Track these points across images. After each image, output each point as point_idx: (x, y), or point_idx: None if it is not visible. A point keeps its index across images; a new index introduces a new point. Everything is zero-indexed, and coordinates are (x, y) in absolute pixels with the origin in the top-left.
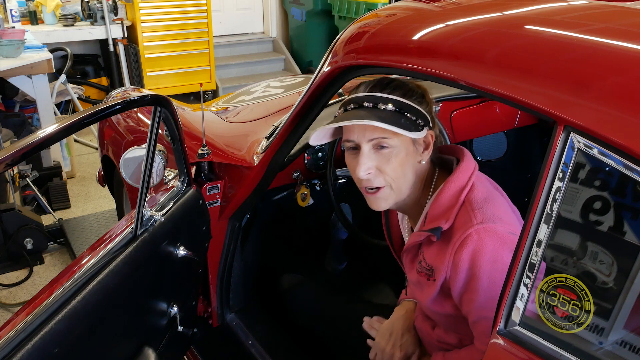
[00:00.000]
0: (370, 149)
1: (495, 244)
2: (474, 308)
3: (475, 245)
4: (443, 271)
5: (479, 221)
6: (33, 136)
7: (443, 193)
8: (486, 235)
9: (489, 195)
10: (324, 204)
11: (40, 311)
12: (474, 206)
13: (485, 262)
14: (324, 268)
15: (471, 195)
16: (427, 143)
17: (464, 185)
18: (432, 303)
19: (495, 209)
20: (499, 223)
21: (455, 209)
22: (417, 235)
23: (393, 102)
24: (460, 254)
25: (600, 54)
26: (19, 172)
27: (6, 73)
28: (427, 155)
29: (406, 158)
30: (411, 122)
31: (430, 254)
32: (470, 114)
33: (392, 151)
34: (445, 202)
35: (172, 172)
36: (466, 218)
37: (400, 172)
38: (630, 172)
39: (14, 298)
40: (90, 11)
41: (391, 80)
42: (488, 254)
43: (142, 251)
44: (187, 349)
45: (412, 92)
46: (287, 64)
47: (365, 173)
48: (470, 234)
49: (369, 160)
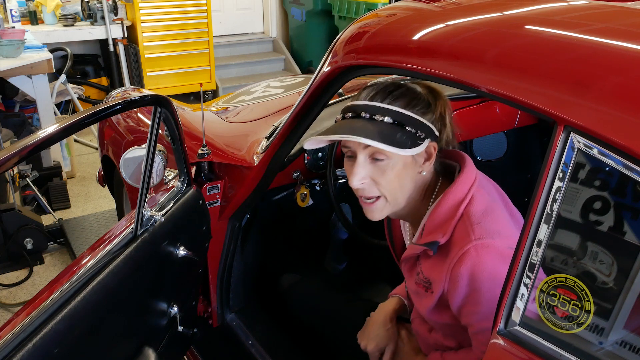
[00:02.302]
0: (366, 159)
1: (494, 261)
2: (475, 320)
3: (474, 261)
4: (441, 285)
5: (477, 237)
6: (33, 136)
7: (441, 205)
8: (484, 252)
9: (488, 207)
10: (324, 204)
11: (41, 311)
12: (472, 220)
13: (484, 278)
14: (324, 268)
15: (470, 208)
16: (429, 154)
17: (462, 197)
18: (430, 313)
19: (494, 223)
20: (497, 238)
21: (453, 222)
22: (413, 248)
23: (391, 114)
24: (458, 269)
25: (600, 54)
26: (19, 172)
27: (6, 73)
28: (428, 166)
29: (403, 170)
30: (409, 136)
31: (428, 267)
32: (470, 114)
33: (388, 163)
34: (443, 215)
35: (172, 172)
36: (464, 233)
37: (396, 184)
38: (630, 172)
39: (14, 298)
40: (90, 11)
41: (396, 88)
42: (487, 271)
43: (142, 251)
44: (187, 349)
45: (417, 102)
46: (287, 64)
47: (359, 183)
48: (468, 249)
49: (363, 170)
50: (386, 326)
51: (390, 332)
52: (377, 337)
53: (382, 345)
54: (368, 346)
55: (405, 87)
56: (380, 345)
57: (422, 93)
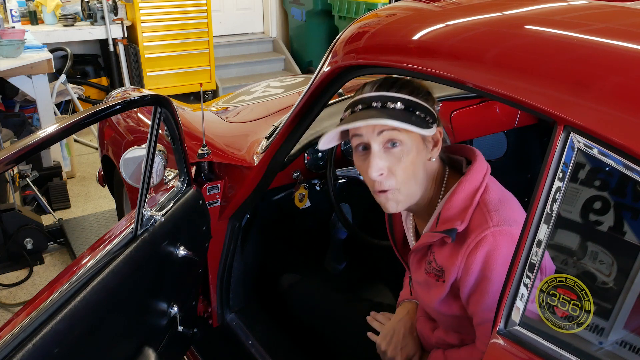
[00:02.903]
0: (381, 149)
1: (510, 247)
2: (481, 310)
3: (490, 247)
4: (454, 272)
5: (495, 223)
6: (33, 136)
7: (457, 193)
8: (502, 238)
9: (504, 196)
10: (324, 204)
11: (41, 311)
12: (489, 208)
13: (498, 264)
14: (324, 268)
15: (486, 196)
16: (435, 140)
17: (478, 185)
18: (439, 304)
19: (511, 212)
20: (515, 226)
21: (471, 210)
22: (429, 236)
23: (402, 101)
24: (474, 255)
25: (600, 54)
26: (19, 172)
27: (6, 73)
28: (436, 152)
29: (417, 156)
30: (421, 120)
31: (442, 255)
32: (470, 114)
33: (403, 149)
34: (460, 203)
35: (172, 172)
36: (482, 220)
37: (411, 171)
38: (630, 172)
39: (14, 298)
40: (90, 11)
41: (396, 79)
42: (502, 256)
43: (142, 251)
44: (187, 349)
45: (418, 90)
46: (287, 64)
47: (377, 174)
48: (486, 235)
49: (380, 160)
50: (412, 334)
51: (417, 339)
52: (407, 347)
53: (412, 355)
54: (397, 356)
55: (403, 78)
56: (410, 354)
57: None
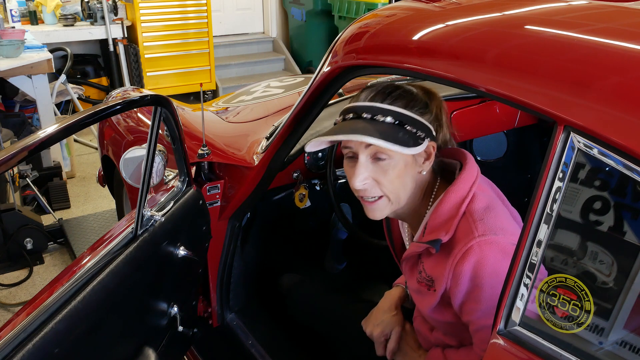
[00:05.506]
0: (368, 159)
1: (497, 256)
2: (476, 318)
3: (477, 257)
4: (443, 282)
5: (480, 233)
6: (33, 136)
7: (443, 204)
8: (488, 248)
9: (490, 204)
10: (324, 204)
11: (41, 311)
12: (475, 217)
13: (487, 274)
14: (324, 268)
15: (472, 205)
16: (428, 154)
17: (464, 195)
18: (432, 312)
19: (497, 219)
20: (500, 234)
21: (456, 221)
22: (415, 246)
23: (392, 115)
24: (461, 266)
25: (600, 54)
26: (19, 172)
27: (6, 73)
28: (428, 166)
29: (405, 170)
30: (410, 136)
31: (430, 265)
32: (470, 114)
33: (390, 163)
34: (445, 213)
35: (172, 172)
36: (467, 230)
37: (397, 183)
38: (630, 172)
39: (14, 298)
40: (90, 11)
41: (394, 89)
42: (490, 266)
43: (143, 251)
44: (187, 349)
45: (415, 102)
46: (287, 64)
47: (361, 183)
48: (472, 246)
49: (365, 170)
50: (391, 312)
51: (396, 318)
52: (383, 323)
53: (388, 331)
54: (374, 332)
55: (402, 88)
56: (386, 330)
57: (418, 94)
